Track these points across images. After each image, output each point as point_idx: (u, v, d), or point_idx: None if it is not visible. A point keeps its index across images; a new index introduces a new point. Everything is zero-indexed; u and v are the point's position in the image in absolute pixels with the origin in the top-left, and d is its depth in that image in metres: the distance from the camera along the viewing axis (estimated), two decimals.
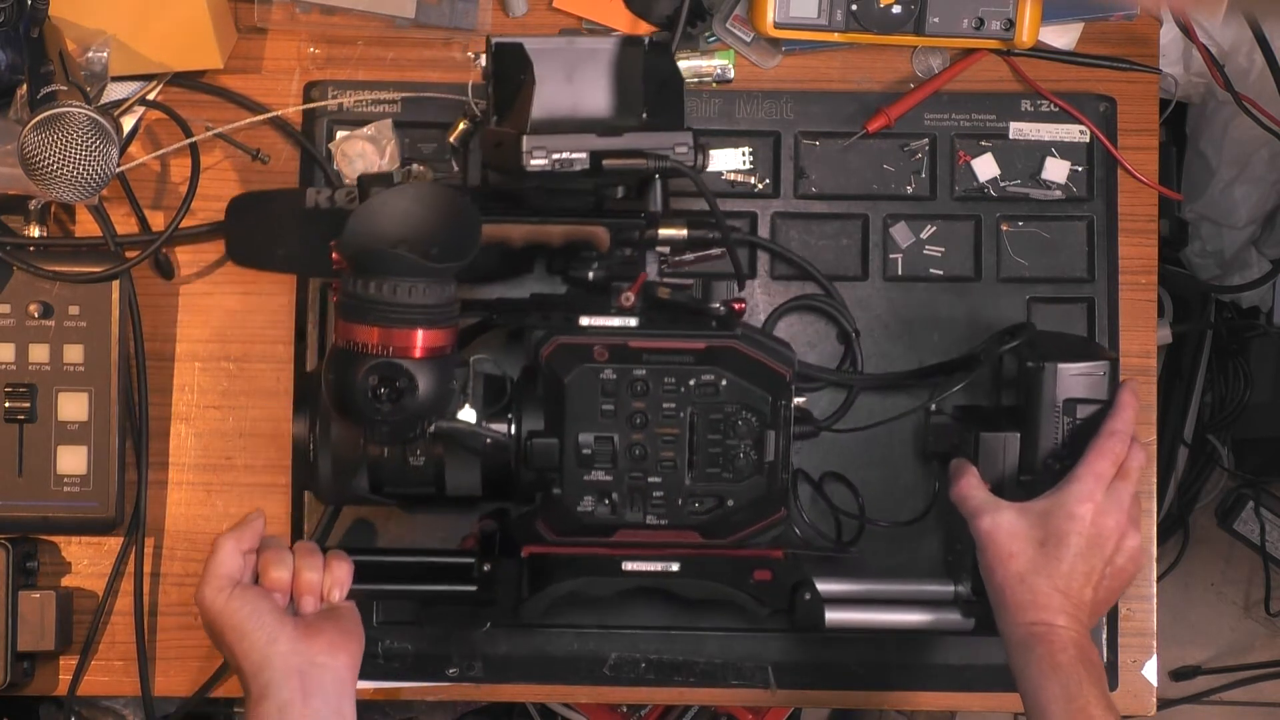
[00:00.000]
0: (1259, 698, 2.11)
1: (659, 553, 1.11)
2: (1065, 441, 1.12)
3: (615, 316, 1.09)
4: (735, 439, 1.08)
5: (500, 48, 1.09)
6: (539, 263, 1.22)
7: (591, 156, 1.05)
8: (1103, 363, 1.12)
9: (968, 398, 1.22)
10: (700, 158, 1.07)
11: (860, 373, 1.24)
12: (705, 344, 1.08)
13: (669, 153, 1.05)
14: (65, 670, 1.24)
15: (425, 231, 1.01)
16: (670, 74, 1.11)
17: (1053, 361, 1.12)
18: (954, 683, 1.25)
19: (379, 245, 1.00)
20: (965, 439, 1.16)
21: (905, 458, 1.25)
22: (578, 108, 1.08)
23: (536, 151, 1.04)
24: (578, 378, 1.07)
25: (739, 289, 1.13)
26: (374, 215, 1.01)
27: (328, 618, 1.08)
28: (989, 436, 1.14)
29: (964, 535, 1.14)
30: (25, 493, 1.20)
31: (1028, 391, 1.13)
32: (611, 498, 1.09)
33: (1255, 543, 2.05)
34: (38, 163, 1.04)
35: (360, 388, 1.00)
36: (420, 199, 1.02)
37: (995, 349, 1.17)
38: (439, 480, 1.10)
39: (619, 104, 1.08)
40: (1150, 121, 1.29)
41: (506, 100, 1.09)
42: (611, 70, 1.08)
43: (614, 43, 1.09)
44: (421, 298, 1.00)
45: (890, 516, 1.23)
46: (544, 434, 1.08)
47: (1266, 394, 1.96)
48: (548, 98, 1.07)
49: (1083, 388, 1.12)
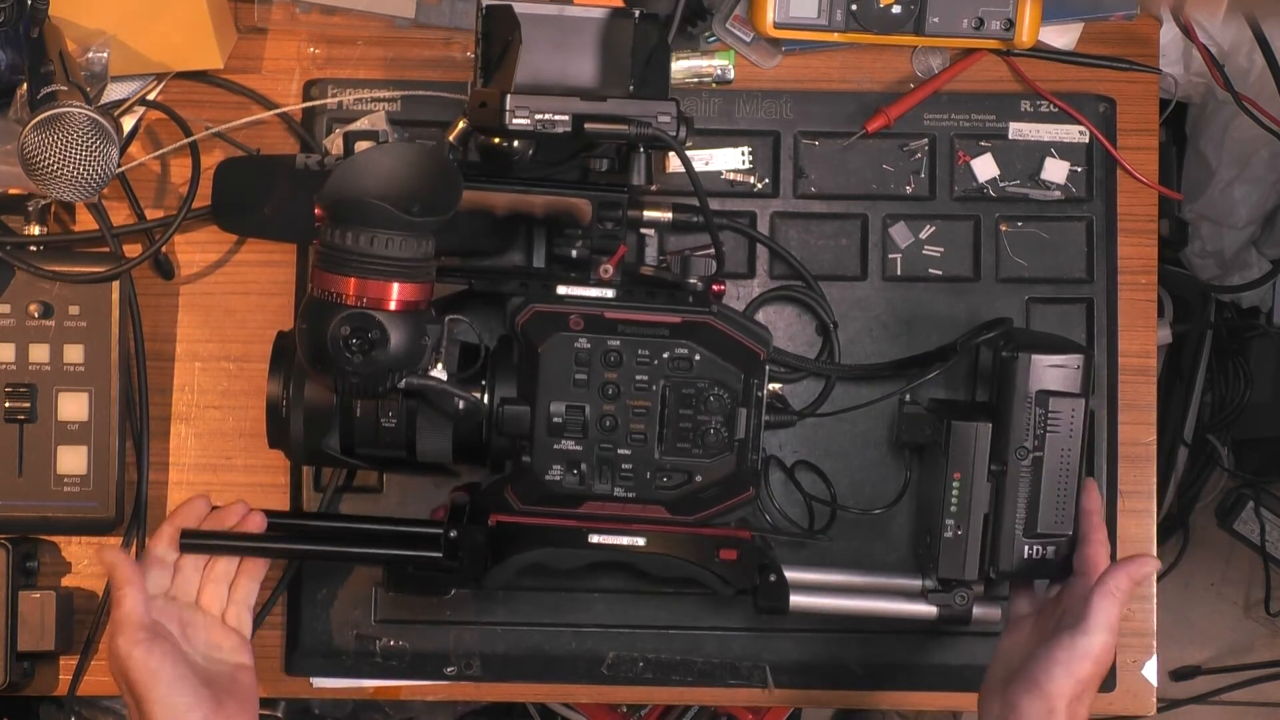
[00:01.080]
0: (1259, 698, 2.11)
1: (625, 527, 1.12)
2: (1036, 434, 1.12)
3: (593, 287, 1.10)
4: (706, 414, 1.09)
5: (490, 10, 1.09)
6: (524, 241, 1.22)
7: (574, 119, 1.05)
8: (1076, 355, 1.12)
9: (945, 392, 1.23)
10: (683, 129, 1.07)
11: (837, 363, 1.24)
12: (681, 318, 1.09)
13: (651, 120, 1.06)
14: (65, 670, 1.25)
15: (407, 189, 1.01)
16: (658, 48, 1.11)
17: (1027, 352, 1.12)
18: (954, 683, 1.25)
19: (359, 197, 1.00)
20: (938, 428, 1.16)
21: (879, 448, 1.25)
22: (564, 74, 1.08)
23: (519, 111, 1.05)
24: (552, 346, 1.08)
25: (718, 267, 1.13)
26: (357, 170, 1.01)
27: (229, 687, 1.08)
28: (960, 425, 1.14)
29: (933, 528, 1.15)
30: (25, 493, 1.20)
31: (1001, 382, 1.14)
32: (580, 468, 1.10)
33: (1255, 543, 2.05)
34: (38, 163, 1.04)
35: (332, 337, 1.01)
36: (403, 156, 1.03)
37: (972, 341, 1.18)
38: (410, 443, 1.11)
39: (605, 74, 1.09)
40: (1150, 121, 1.29)
41: (494, 61, 1.09)
42: (600, 40, 1.09)
43: (604, 13, 1.10)
44: (398, 250, 1.00)
45: (862, 505, 1.23)
46: (516, 400, 1.09)
47: (1266, 394, 1.96)
48: (535, 62, 1.07)
49: (1056, 380, 1.12)
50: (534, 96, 1.05)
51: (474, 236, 1.18)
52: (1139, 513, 1.27)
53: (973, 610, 1.17)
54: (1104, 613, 1.05)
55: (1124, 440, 1.26)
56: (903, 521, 1.24)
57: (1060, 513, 1.13)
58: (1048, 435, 1.12)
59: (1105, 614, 1.05)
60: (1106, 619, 1.05)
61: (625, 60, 1.09)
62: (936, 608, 1.17)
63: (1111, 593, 1.06)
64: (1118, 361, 1.26)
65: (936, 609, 1.17)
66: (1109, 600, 1.05)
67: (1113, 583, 1.06)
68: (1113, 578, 1.06)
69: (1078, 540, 1.12)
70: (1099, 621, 1.05)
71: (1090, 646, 1.04)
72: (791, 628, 1.23)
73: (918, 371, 1.21)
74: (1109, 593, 1.06)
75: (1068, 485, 1.13)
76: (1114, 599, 1.05)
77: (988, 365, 1.20)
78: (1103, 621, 1.05)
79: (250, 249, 1.26)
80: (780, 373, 1.23)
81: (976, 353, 1.22)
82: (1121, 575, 1.06)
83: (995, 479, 1.14)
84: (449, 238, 1.09)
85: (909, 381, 1.21)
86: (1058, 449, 1.12)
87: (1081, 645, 1.04)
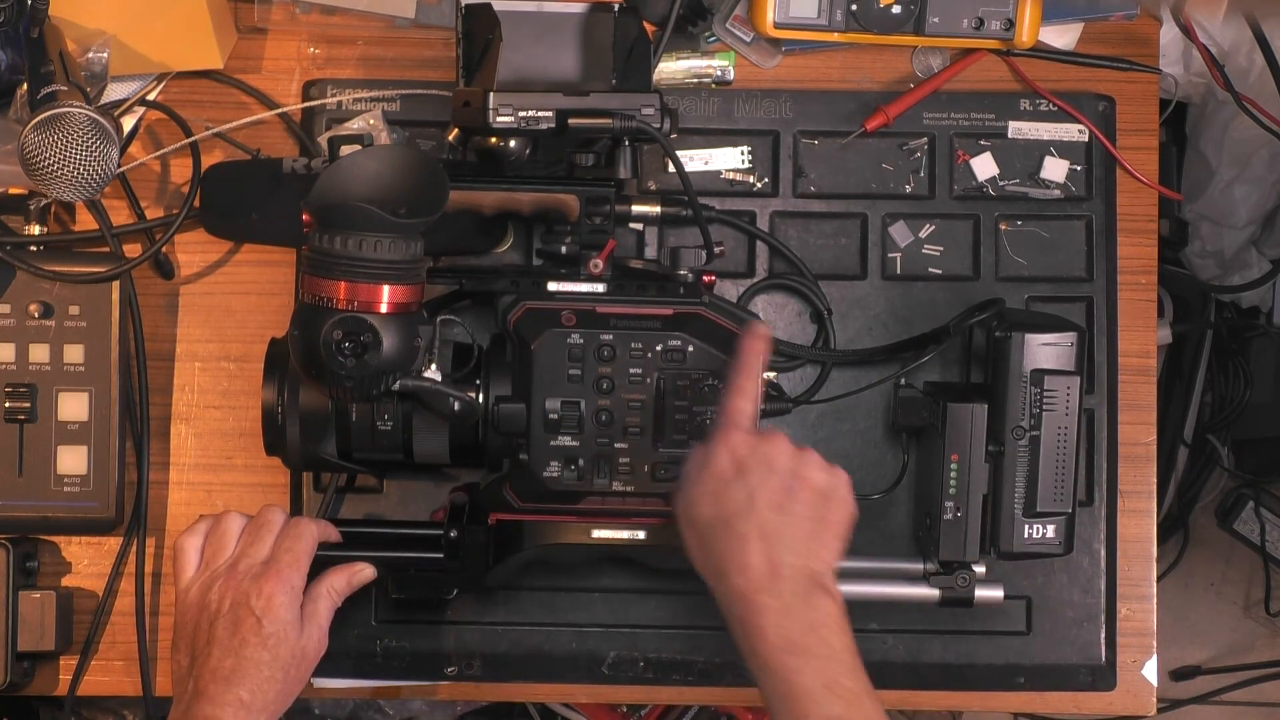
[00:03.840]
0: (1259, 698, 2.11)
1: (626, 521, 1.12)
2: (1032, 413, 1.12)
3: (584, 282, 1.10)
4: (702, 405, 1.09)
5: (470, 9, 1.09)
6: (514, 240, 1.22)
7: (558, 115, 1.06)
8: (1070, 334, 1.13)
9: (940, 374, 1.24)
10: (667, 121, 1.07)
11: (832, 349, 1.24)
12: (673, 310, 1.09)
13: (635, 113, 1.06)
14: (65, 670, 1.25)
15: (393, 191, 1.01)
16: (639, 41, 1.11)
17: (1020, 332, 1.12)
18: (954, 682, 1.25)
19: (347, 202, 1.00)
20: (934, 411, 1.17)
21: (876, 433, 1.25)
22: (546, 70, 1.09)
23: (503, 109, 1.05)
24: (545, 342, 1.09)
25: (707, 259, 1.13)
26: (343, 174, 1.02)
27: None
28: (956, 407, 1.14)
29: (933, 511, 1.15)
30: (25, 493, 1.20)
31: (995, 362, 1.14)
32: (578, 464, 1.10)
33: (1255, 543, 2.05)
34: (38, 163, 1.04)
35: (325, 342, 1.01)
36: (389, 159, 1.03)
37: (965, 323, 1.18)
38: (407, 446, 1.11)
39: (587, 68, 1.09)
40: (1150, 121, 1.29)
41: (475, 61, 1.09)
42: (581, 35, 1.10)
43: (583, 8, 1.10)
44: (387, 253, 1.00)
45: (860, 491, 1.23)
46: (511, 399, 1.09)
47: (1266, 394, 1.96)
48: (516, 59, 1.08)
49: (1050, 358, 1.13)
50: (517, 94, 1.06)
51: (463, 236, 1.18)
52: (1139, 513, 1.27)
53: (975, 592, 1.16)
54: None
55: (1124, 440, 1.26)
56: (902, 505, 1.24)
57: (1060, 491, 1.13)
58: (1044, 414, 1.12)
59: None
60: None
61: (607, 54, 1.09)
62: (939, 590, 1.17)
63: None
64: (1118, 361, 1.26)
65: (939, 591, 1.17)
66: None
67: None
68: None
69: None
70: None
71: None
72: None
73: (912, 355, 1.22)
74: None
75: (1066, 463, 1.13)
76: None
77: (981, 346, 1.21)
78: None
79: (250, 249, 1.26)
80: (775, 361, 1.23)
81: (970, 334, 1.22)
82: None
83: (993, 459, 1.14)
84: (438, 238, 1.09)
85: (904, 365, 1.21)
86: (1054, 427, 1.13)
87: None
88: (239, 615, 1.04)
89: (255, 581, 1.05)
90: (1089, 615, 1.25)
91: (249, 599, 1.04)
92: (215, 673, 1.03)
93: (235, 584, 1.05)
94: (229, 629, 1.04)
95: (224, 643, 1.04)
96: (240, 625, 1.04)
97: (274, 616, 1.04)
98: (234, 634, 1.04)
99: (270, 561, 1.06)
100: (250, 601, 1.04)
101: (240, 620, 1.04)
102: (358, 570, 1.11)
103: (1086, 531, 1.24)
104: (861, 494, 1.23)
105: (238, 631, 1.04)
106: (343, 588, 1.10)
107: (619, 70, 1.09)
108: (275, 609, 1.04)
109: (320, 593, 1.08)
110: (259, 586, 1.04)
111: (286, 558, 1.06)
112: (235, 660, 1.03)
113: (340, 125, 1.24)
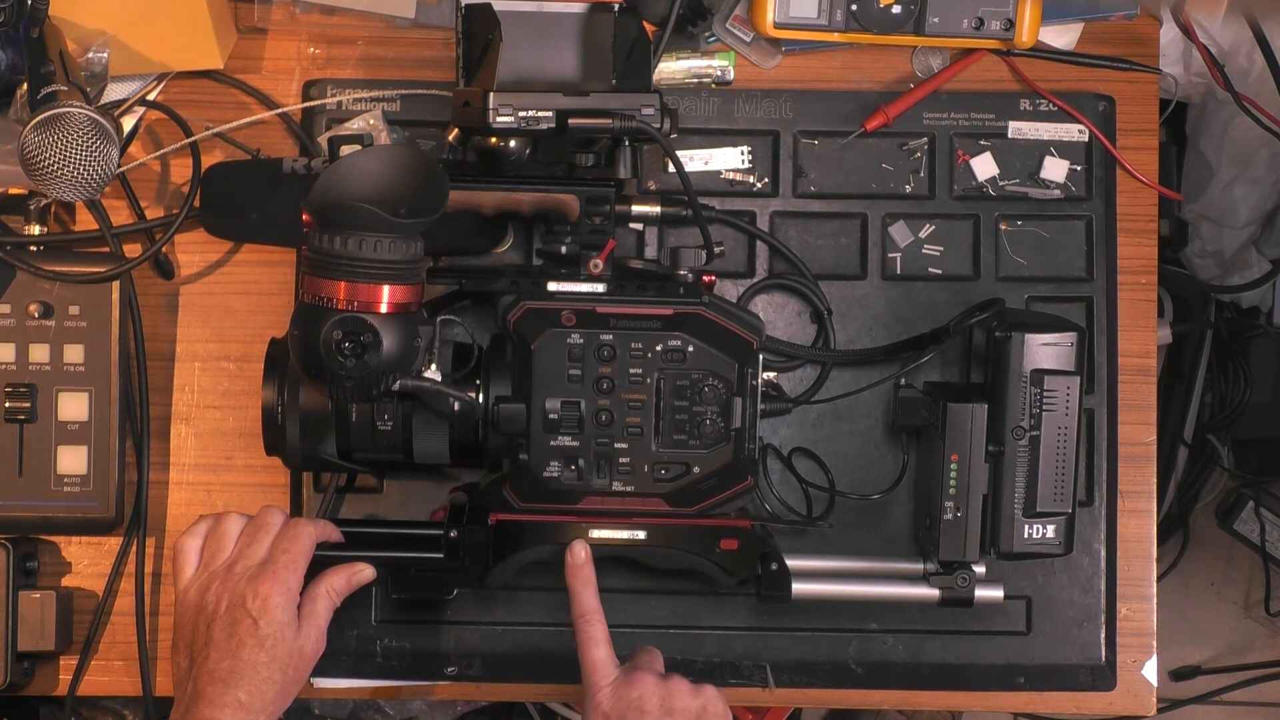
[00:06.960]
0: (1259, 698, 2.12)
1: (626, 521, 1.12)
2: (1032, 413, 1.12)
3: (584, 282, 1.10)
4: (702, 405, 1.09)
5: (470, 9, 1.09)
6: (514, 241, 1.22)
7: (558, 115, 1.06)
8: (1070, 333, 1.13)
9: (940, 374, 1.24)
10: (667, 121, 1.07)
11: (832, 349, 1.24)
12: (673, 310, 1.09)
13: (635, 113, 1.06)
14: (65, 670, 1.25)
15: (393, 191, 1.01)
16: (639, 41, 1.11)
17: (1020, 331, 1.13)
18: (954, 682, 1.25)
19: (347, 202, 1.00)
20: (934, 411, 1.17)
21: (876, 433, 1.25)
22: (546, 70, 1.09)
23: (503, 109, 1.05)
24: (545, 342, 1.09)
25: (707, 260, 1.13)
26: (343, 174, 1.02)
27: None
28: (956, 407, 1.14)
29: (933, 511, 1.16)
30: (25, 493, 1.20)
31: (996, 362, 1.14)
32: (578, 463, 1.10)
33: (1255, 543, 2.05)
34: (38, 163, 1.04)
35: (325, 342, 1.01)
36: (389, 159, 1.03)
37: (965, 323, 1.18)
38: (407, 446, 1.11)
39: (587, 68, 1.10)
40: (1150, 121, 1.29)
41: (475, 60, 1.09)
42: (581, 35, 1.10)
43: (583, 7, 1.10)
44: (387, 253, 1.01)
45: (860, 491, 1.23)
46: (511, 399, 1.09)
47: (1266, 394, 1.97)
48: (516, 59, 1.08)
49: (1050, 358, 1.13)
50: (517, 94, 1.06)
51: (463, 236, 1.18)
52: (1139, 513, 1.27)
53: (975, 592, 1.17)
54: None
55: (1124, 440, 1.26)
56: (902, 506, 1.24)
57: (1059, 491, 1.13)
58: (1044, 414, 1.12)
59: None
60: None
61: (607, 54, 1.09)
62: (939, 590, 1.17)
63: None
64: (1118, 361, 1.26)
65: (939, 591, 1.17)
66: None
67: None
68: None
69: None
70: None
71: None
72: (792, 627, 1.23)
73: (912, 355, 1.22)
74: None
75: (1066, 463, 1.13)
76: None
77: (981, 347, 1.21)
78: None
79: (250, 249, 1.26)
80: (775, 361, 1.23)
81: (970, 334, 1.22)
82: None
83: (993, 460, 1.14)
84: (438, 238, 1.09)
85: (904, 365, 1.21)
86: (1054, 427, 1.13)
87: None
88: (236, 617, 1.04)
89: (252, 583, 1.05)
90: (1089, 615, 1.25)
91: (245, 600, 1.04)
92: (213, 674, 1.03)
93: (232, 585, 1.05)
94: (226, 630, 1.04)
95: (221, 644, 1.04)
96: (237, 627, 1.04)
97: (270, 618, 1.04)
98: (231, 635, 1.04)
99: (267, 562, 1.06)
100: (246, 603, 1.04)
101: (237, 622, 1.04)
102: (357, 570, 1.11)
103: (1086, 531, 1.24)
104: (861, 494, 1.23)
105: (234, 633, 1.04)
106: (342, 588, 1.10)
107: (619, 70, 1.09)
108: (271, 610, 1.04)
109: (319, 593, 1.08)
110: (255, 588, 1.04)
111: (283, 559, 1.06)
112: (233, 662, 1.03)
113: (340, 125, 1.24)
